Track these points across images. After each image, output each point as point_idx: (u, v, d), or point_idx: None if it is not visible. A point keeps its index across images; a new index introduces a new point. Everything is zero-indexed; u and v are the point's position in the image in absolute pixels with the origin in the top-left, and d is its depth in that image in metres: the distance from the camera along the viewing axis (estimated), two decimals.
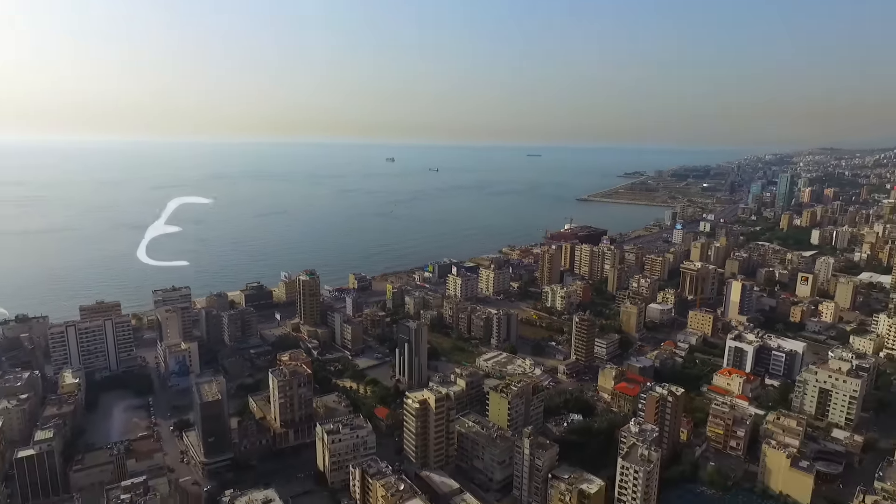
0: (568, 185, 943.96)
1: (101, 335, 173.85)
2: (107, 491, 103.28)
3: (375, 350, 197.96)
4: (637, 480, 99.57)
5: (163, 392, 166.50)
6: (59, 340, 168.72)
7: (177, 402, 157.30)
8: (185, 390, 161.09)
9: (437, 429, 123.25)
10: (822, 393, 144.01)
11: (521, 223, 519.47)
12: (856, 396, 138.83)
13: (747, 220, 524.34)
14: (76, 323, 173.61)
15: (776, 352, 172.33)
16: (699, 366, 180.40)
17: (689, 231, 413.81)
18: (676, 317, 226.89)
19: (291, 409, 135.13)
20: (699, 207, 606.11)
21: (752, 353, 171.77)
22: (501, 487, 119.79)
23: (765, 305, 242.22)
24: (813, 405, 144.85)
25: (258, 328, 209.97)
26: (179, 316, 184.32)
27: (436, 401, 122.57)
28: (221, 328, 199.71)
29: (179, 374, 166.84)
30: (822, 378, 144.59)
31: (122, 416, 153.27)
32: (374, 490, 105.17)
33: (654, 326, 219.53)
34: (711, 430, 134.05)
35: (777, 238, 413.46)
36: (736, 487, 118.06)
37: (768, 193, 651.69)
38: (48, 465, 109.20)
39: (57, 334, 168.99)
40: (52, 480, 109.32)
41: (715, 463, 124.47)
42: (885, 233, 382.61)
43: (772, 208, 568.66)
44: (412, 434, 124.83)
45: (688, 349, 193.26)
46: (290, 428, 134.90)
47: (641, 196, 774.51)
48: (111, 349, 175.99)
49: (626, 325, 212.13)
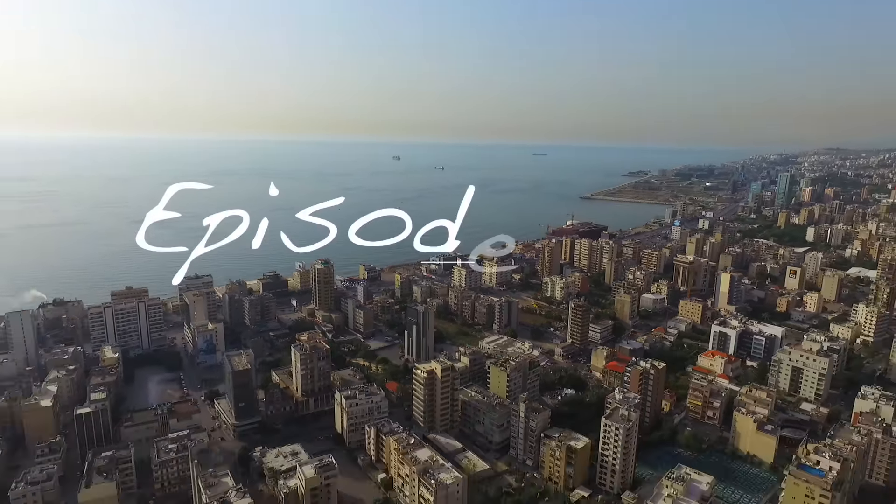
0: (572, 184, 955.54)
1: (134, 316, 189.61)
2: (155, 442, 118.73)
3: (385, 334, 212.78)
4: (618, 437, 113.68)
5: (191, 368, 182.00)
6: (97, 320, 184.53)
7: (205, 377, 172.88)
8: (213, 366, 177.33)
9: (442, 396, 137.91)
10: (795, 371, 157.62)
11: (525, 220, 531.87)
12: (824, 374, 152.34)
13: (747, 218, 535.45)
14: (112, 304, 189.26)
15: (757, 336, 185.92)
16: (686, 349, 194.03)
17: (687, 228, 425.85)
18: (669, 306, 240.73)
19: (312, 380, 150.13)
20: (699, 206, 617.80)
21: (734, 337, 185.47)
22: (500, 448, 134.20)
23: (754, 297, 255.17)
24: (787, 382, 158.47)
25: (276, 313, 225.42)
26: (205, 299, 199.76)
27: (442, 371, 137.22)
28: (243, 312, 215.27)
29: (207, 351, 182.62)
30: (794, 357, 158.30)
31: (156, 387, 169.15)
32: (387, 445, 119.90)
33: (647, 315, 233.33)
34: (691, 402, 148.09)
35: (774, 235, 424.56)
36: (709, 450, 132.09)
37: (769, 193, 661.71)
38: (102, 420, 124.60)
39: (95, 315, 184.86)
40: (105, 434, 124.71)
41: (692, 429, 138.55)
42: (877, 230, 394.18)
43: (771, 207, 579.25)
44: (420, 401, 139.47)
45: (677, 335, 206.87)
46: (311, 397, 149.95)
47: (644, 195, 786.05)
48: (143, 329, 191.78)
49: (620, 312, 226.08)
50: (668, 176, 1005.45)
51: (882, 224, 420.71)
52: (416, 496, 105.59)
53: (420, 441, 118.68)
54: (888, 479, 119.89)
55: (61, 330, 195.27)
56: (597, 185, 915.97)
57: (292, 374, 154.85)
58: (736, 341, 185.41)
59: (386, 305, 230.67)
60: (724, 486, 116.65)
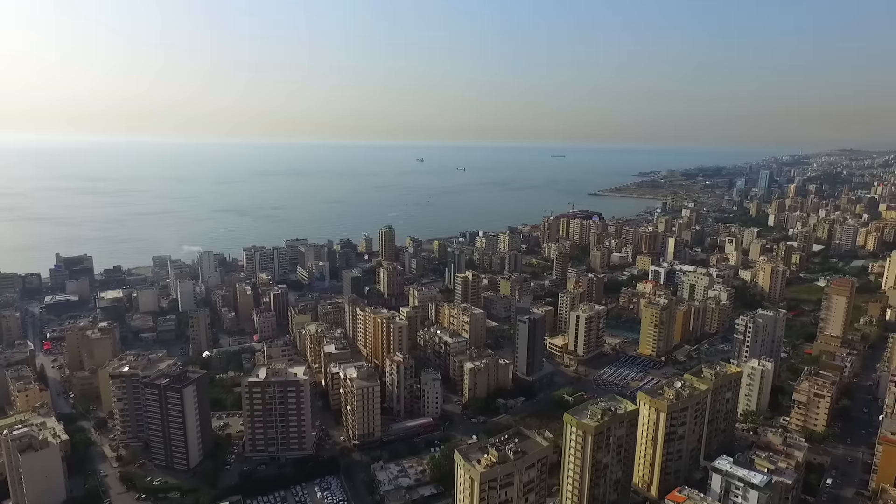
0: (584, 182, 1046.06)
1: (271, 258, 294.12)
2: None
3: (430, 276, 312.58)
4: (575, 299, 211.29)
5: (309, 289, 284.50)
6: (250, 260, 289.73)
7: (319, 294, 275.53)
8: (323, 289, 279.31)
9: (472, 292, 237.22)
10: (691, 287, 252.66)
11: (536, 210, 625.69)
12: (705, 285, 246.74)
13: (728, 209, 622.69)
14: (260, 249, 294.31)
15: (678, 272, 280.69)
16: (632, 281, 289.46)
17: (669, 216, 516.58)
18: (631, 262, 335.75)
19: (392, 287, 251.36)
20: (692, 199, 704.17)
21: (663, 273, 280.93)
22: (504, 318, 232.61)
23: (696, 257, 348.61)
24: (686, 293, 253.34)
25: (355, 261, 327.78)
26: (314, 249, 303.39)
27: (472, 276, 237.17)
28: (336, 259, 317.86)
29: (320, 279, 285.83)
30: (690, 278, 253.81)
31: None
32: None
33: (614, 266, 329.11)
34: (622, 300, 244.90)
35: (743, 222, 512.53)
36: (629, 321, 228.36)
37: (756, 189, 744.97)
38: (280, 304, 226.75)
39: (250, 255, 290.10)
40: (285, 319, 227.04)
41: (625, 316, 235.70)
42: (826, 216, 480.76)
43: (753, 200, 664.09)
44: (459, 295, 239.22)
45: (629, 276, 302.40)
46: (393, 296, 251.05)
47: (647, 191, 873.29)
48: (277, 267, 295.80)
49: (594, 263, 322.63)
50: (676, 175, 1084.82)
51: (838, 212, 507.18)
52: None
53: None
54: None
55: (226, 266, 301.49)
56: (607, 183, 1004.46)
57: (381, 284, 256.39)
58: (665, 276, 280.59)
59: (430, 258, 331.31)
60: (631, 334, 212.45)
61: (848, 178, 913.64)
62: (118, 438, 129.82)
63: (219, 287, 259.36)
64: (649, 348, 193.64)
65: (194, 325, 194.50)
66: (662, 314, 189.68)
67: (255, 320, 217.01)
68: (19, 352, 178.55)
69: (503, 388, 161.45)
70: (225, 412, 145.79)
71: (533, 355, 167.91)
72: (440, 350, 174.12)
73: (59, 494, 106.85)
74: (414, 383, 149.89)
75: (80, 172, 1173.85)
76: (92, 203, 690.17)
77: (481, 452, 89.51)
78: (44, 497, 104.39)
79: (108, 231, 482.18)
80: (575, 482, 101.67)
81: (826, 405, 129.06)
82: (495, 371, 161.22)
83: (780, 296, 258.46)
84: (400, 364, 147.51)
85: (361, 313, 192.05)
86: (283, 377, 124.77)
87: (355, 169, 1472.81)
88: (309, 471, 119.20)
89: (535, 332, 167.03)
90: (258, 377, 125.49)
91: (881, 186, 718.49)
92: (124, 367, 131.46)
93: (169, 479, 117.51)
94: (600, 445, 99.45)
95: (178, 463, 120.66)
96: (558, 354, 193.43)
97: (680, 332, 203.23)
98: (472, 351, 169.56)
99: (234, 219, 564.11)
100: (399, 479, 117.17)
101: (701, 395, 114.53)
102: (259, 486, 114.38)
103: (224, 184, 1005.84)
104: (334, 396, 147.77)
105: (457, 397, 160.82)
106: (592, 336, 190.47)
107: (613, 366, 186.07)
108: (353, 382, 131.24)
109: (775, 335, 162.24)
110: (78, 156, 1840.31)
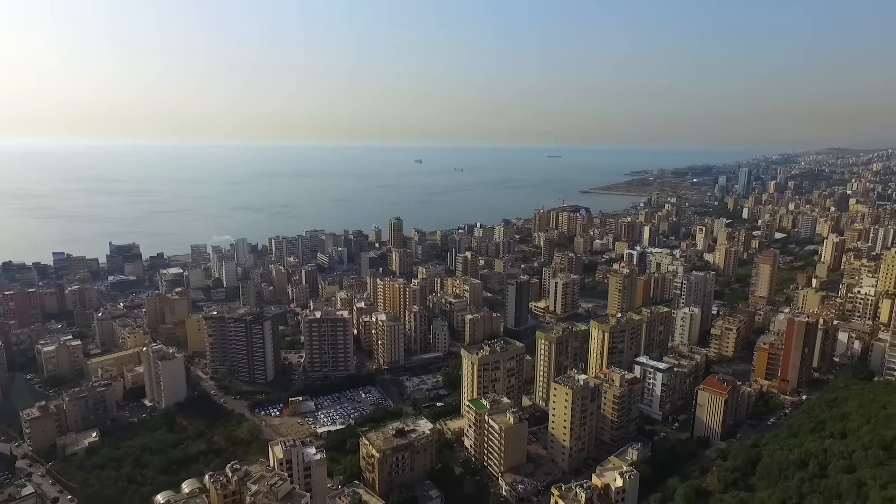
0: (576, 181, 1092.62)
1: (295, 244, 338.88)
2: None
3: (434, 262, 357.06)
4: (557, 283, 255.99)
5: (330, 271, 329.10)
6: (278, 246, 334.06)
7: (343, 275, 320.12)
8: (341, 270, 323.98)
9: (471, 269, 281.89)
10: (657, 265, 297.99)
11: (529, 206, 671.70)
12: (668, 262, 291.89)
13: (710, 204, 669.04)
14: (285, 237, 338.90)
15: (649, 254, 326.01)
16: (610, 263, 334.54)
17: (650, 209, 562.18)
18: (611, 248, 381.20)
19: (402, 266, 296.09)
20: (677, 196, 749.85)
21: (636, 255, 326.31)
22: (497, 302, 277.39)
23: (671, 244, 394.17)
24: (653, 269, 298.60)
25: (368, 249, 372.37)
26: (332, 237, 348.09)
27: (471, 255, 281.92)
28: (351, 247, 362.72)
29: (339, 262, 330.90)
30: (657, 259, 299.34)
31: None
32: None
33: (595, 252, 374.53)
34: (598, 276, 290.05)
35: (719, 214, 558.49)
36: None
37: (737, 185, 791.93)
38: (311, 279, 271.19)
39: (277, 243, 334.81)
40: (315, 291, 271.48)
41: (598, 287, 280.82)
42: (795, 208, 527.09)
43: (732, 196, 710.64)
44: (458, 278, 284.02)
45: (607, 258, 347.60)
46: (403, 274, 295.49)
47: (636, 189, 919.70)
48: (301, 252, 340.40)
49: (578, 249, 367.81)
50: (666, 174, 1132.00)
51: (808, 205, 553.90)
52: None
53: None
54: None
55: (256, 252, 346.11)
56: (599, 182, 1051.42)
57: (394, 266, 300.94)
58: (637, 257, 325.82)
59: (434, 245, 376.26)
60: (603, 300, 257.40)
61: (829, 175, 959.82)
62: (209, 365, 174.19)
63: (255, 267, 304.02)
64: (615, 309, 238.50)
65: (245, 294, 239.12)
66: (625, 281, 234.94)
67: (290, 292, 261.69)
68: (106, 315, 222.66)
69: (496, 335, 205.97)
70: (283, 351, 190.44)
71: (520, 311, 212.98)
72: (446, 308, 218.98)
73: (182, 393, 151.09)
74: (426, 331, 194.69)
75: (90, 175, 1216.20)
76: (112, 202, 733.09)
77: (480, 350, 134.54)
78: (173, 394, 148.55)
79: (138, 226, 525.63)
80: (543, 378, 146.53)
81: (734, 336, 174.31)
82: (490, 322, 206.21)
83: (732, 272, 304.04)
84: (416, 313, 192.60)
85: (381, 283, 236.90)
86: (333, 315, 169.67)
87: (356, 170, 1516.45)
88: (354, 381, 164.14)
89: (522, 292, 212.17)
90: (315, 316, 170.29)
91: (857, 182, 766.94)
92: (213, 312, 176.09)
93: (253, 388, 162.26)
94: (561, 352, 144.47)
95: (259, 378, 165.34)
96: (541, 315, 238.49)
97: (641, 297, 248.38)
98: (471, 307, 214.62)
99: (250, 215, 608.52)
100: (420, 385, 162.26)
101: (636, 322, 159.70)
102: (320, 390, 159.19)
103: (232, 184, 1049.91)
104: (366, 339, 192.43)
105: (459, 343, 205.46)
106: (568, 299, 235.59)
107: (585, 322, 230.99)
108: (383, 323, 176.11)
109: (706, 290, 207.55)
110: (81, 159, 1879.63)
